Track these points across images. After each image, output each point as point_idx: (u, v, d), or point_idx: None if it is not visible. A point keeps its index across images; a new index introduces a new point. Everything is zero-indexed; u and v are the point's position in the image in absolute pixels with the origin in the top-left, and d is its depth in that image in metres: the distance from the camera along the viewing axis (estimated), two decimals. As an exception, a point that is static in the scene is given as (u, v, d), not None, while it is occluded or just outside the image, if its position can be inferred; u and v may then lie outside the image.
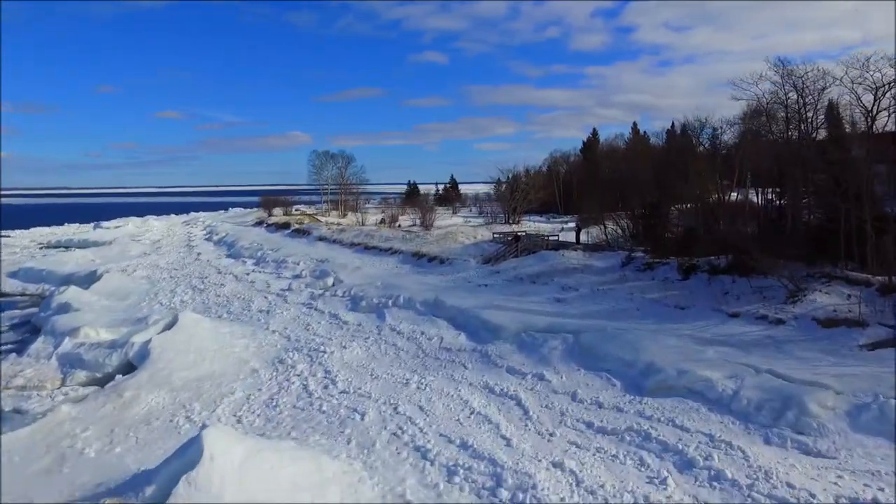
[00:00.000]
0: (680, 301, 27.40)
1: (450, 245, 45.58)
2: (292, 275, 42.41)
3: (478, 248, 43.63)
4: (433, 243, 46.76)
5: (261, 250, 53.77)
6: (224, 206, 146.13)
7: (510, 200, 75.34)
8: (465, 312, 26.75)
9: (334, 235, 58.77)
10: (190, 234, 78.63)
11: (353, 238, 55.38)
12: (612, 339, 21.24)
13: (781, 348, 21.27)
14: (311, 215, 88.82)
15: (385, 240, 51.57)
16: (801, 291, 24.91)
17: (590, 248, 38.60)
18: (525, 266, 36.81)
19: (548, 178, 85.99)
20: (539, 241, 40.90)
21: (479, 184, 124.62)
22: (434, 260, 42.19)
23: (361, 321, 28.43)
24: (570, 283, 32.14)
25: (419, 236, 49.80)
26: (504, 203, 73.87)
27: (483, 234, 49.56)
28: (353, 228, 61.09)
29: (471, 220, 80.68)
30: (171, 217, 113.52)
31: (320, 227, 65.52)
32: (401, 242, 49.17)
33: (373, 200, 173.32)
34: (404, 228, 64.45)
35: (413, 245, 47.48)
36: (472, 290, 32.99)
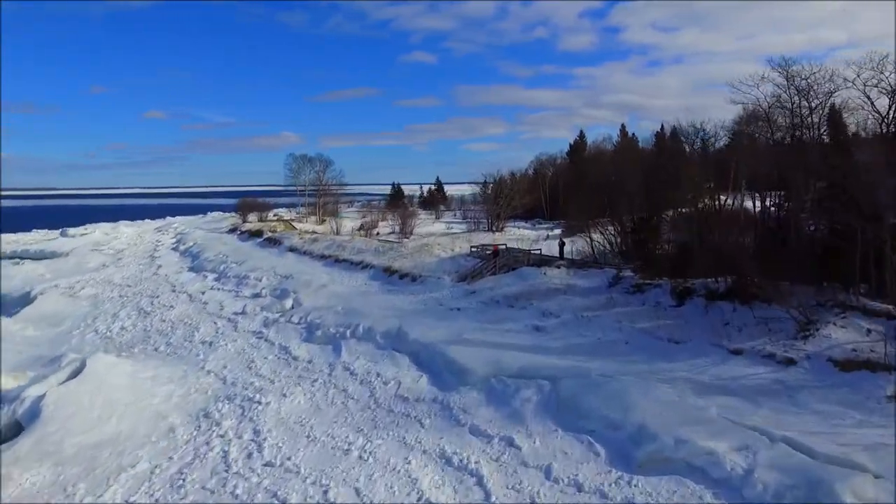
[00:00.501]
0: (674, 332, 24.14)
1: (424, 259, 42.19)
2: (251, 293, 38.92)
3: (454, 263, 40.27)
4: (407, 257, 43.37)
5: (224, 263, 50.17)
6: (211, 208, 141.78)
7: (494, 206, 72.05)
8: (430, 348, 23.37)
9: (305, 246, 55.24)
10: (158, 242, 74.77)
11: (325, 249, 51.88)
12: (595, 389, 17.93)
13: (795, 398, 18.07)
14: (287, 222, 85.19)
15: (357, 252, 48.12)
16: (813, 324, 21.72)
17: (574, 265, 35.34)
18: (503, 286, 33.49)
19: (533, 182, 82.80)
20: (519, 257, 37.60)
21: (467, 184, 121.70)
22: (406, 277, 38.80)
23: (314, 356, 25.02)
24: (552, 308, 28.84)
25: (393, 248, 46.41)
26: (487, 209, 70.48)
27: (461, 245, 46.22)
28: (326, 238, 57.60)
29: (453, 226, 77.43)
30: (145, 223, 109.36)
31: (292, 236, 61.97)
32: (373, 255, 45.75)
33: (357, 203, 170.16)
34: (381, 238, 61.04)
35: (385, 259, 44.07)
36: (443, 316, 29.66)
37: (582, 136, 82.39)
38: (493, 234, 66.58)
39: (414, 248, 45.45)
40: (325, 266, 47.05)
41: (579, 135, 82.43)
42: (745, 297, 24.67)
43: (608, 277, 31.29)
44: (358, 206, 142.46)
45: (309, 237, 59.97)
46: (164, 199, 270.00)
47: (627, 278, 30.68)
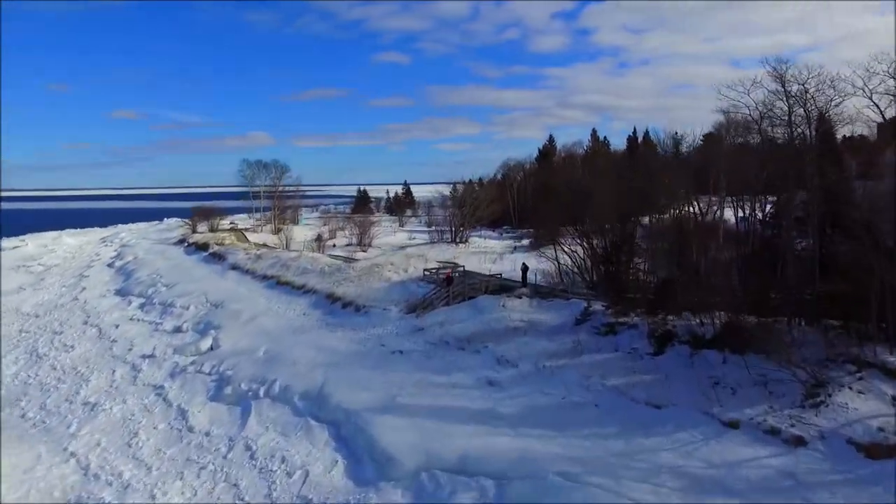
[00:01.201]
0: (653, 392, 19.88)
1: (372, 284, 37.56)
2: (173, 326, 34.04)
3: (404, 289, 35.70)
4: (353, 280, 38.70)
5: (155, 286, 45.05)
6: (174, 212, 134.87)
7: (459, 216, 67.62)
8: (355, 418, 18.86)
9: (248, 264, 50.26)
10: (97, 256, 69.01)
11: (268, 268, 46.97)
12: (554, 499, 13.56)
13: (811, 499, 13.91)
14: (240, 232, 79.90)
15: (301, 273, 43.31)
16: (823, 387, 17.63)
17: (538, 294, 30.99)
18: (455, 321, 29.03)
19: (501, 187, 78.58)
20: (476, 284, 33.13)
21: (440, 184, 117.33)
22: (349, 306, 34.17)
23: (215, 425, 20.34)
24: (509, 353, 24.45)
25: (340, 270, 41.68)
26: (451, 220, 66.00)
27: (416, 266, 41.65)
28: (272, 255, 52.58)
29: (416, 236, 72.78)
30: (92, 231, 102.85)
31: (237, 251, 56.84)
32: (318, 278, 40.99)
33: (322, 207, 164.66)
34: (334, 254, 56.23)
35: (331, 282, 39.35)
36: (382, 362, 25.13)
37: (552, 140, 78.45)
38: (456, 246, 62.26)
39: (363, 269, 40.79)
40: (265, 288, 42.21)
41: (549, 139, 78.52)
42: (736, 344, 20.54)
43: (575, 312, 27.01)
44: (321, 212, 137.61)
45: (255, 253, 54.95)
46: (125, 202, 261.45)
47: (597, 313, 26.43)
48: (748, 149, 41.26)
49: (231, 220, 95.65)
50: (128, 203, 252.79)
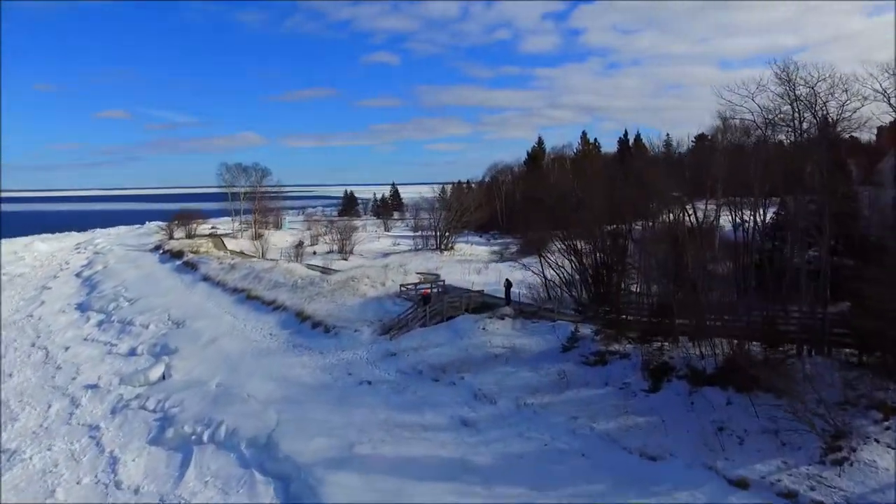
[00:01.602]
0: (649, 440, 17.41)
1: (346, 300, 34.97)
2: (128, 349, 31.49)
3: (379, 306, 33.13)
4: (326, 296, 36.11)
5: (117, 300, 42.40)
6: (159, 214, 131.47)
7: (444, 222, 65.14)
8: (306, 475, 16.35)
9: (220, 275, 47.58)
10: (66, 265, 66.14)
11: (240, 281, 44.30)
12: None
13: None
14: (218, 238, 77.11)
15: (273, 286, 40.67)
16: (845, 438, 15.24)
17: (522, 314, 28.51)
18: (431, 345, 26.55)
19: (489, 191, 76.14)
20: (455, 302, 30.58)
21: (429, 184, 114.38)
22: (319, 326, 31.59)
23: (147, 479, 17.77)
24: (488, 386, 21.96)
25: (314, 283, 39.03)
26: (436, 226, 63.45)
27: (394, 278, 39.04)
28: (246, 265, 49.87)
29: (401, 241, 70.24)
30: (68, 236, 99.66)
31: (211, 260, 54.08)
32: (289, 293, 38.36)
33: (311, 209, 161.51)
34: (311, 264, 53.60)
35: (303, 297, 36.75)
36: (346, 396, 22.60)
37: (540, 142, 75.93)
38: (441, 254, 59.83)
39: (337, 283, 38.16)
40: (234, 303, 39.59)
41: (538, 141, 75.96)
42: (741, 381, 18.11)
43: (562, 338, 24.55)
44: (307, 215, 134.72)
45: (229, 262, 52.24)
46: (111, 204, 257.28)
47: (586, 340, 23.98)
48: (747, 150, 39.04)
49: (212, 225, 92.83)
50: (114, 205, 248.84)
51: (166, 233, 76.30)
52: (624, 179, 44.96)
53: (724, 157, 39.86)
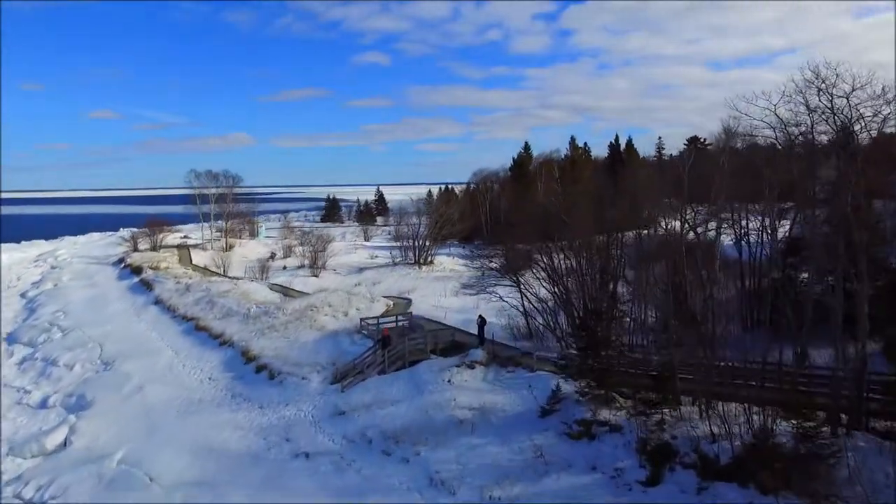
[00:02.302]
0: (647, 564, 13.29)
1: (302, 334, 30.78)
2: (41, 398, 27.30)
3: (336, 345, 28.93)
4: (280, 329, 31.93)
5: (51, 329, 38.06)
6: (141, 218, 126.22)
7: (428, 232, 60.87)
8: None
9: (174, 298, 43.25)
10: (17, 280, 61.58)
11: (192, 305, 40.00)
12: None
13: None
14: (187, 248, 72.68)
15: (225, 314, 36.40)
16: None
17: (496, 359, 24.35)
18: (388, 400, 22.41)
19: (472, 200, 71.94)
20: (420, 343, 26.31)
21: (420, 185, 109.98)
22: (264, 370, 27.40)
23: None
24: (447, 469, 17.78)
25: (268, 313, 34.74)
26: (414, 240, 59.12)
27: (359, 306, 34.88)
28: (204, 284, 45.49)
29: (379, 253, 65.75)
30: (33, 245, 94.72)
31: (168, 280, 49.60)
32: (240, 324, 34.11)
33: (293, 213, 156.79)
34: (275, 283, 49.26)
35: (253, 330, 32.57)
36: (274, 478, 18.43)
37: (527, 148, 71.66)
38: (419, 269, 55.56)
39: (295, 312, 33.93)
40: (181, 334, 35.38)
41: (524, 147, 71.63)
42: (766, 480, 14.04)
43: (541, 396, 20.44)
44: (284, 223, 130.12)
45: (185, 282, 47.82)
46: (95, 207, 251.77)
47: (569, 400, 19.86)
48: (757, 153, 35.19)
49: (184, 234, 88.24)
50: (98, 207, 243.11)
51: (130, 244, 71.54)
52: (614, 192, 41.07)
53: (729, 160, 35.80)
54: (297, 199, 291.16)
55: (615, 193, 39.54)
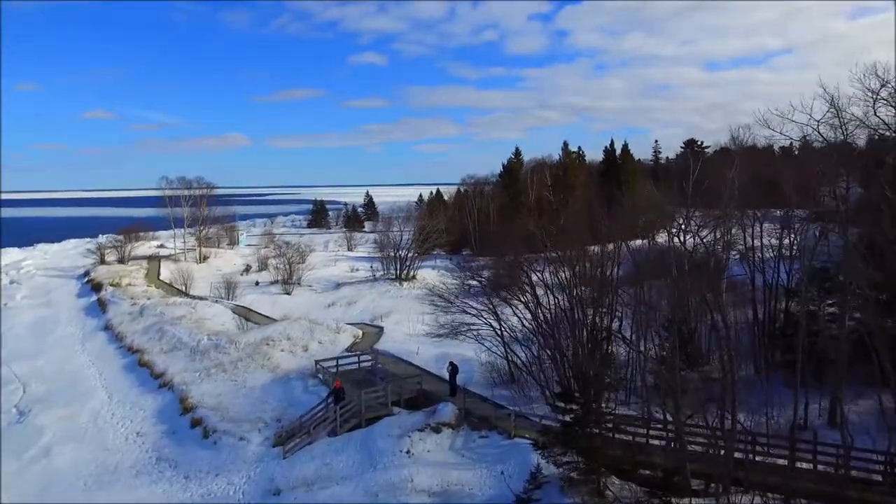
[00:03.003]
0: None
1: (251, 376, 26.86)
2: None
3: (287, 391, 24.99)
4: (229, 369, 28.00)
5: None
6: (127, 223, 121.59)
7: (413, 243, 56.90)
8: None
9: (125, 323, 39.28)
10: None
11: (141, 335, 36.02)
12: None
13: None
14: (158, 260, 68.53)
15: (172, 347, 32.43)
16: None
17: (469, 418, 20.40)
18: (333, 477, 18.49)
19: (460, 208, 67.97)
20: (381, 396, 22.29)
21: (417, 185, 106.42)
22: (199, 426, 23.39)
23: None
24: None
25: (219, 347, 30.62)
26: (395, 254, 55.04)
27: (321, 339, 30.97)
28: (160, 307, 41.39)
29: (360, 266, 61.59)
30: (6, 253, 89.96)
31: (123, 301, 45.49)
32: (186, 361, 30.17)
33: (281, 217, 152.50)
34: (239, 305, 45.20)
35: (198, 370, 28.63)
36: None
37: (518, 154, 67.56)
38: (400, 286, 51.56)
39: (248, 347, 29.95)
40: (121, 371, 31.54)
41: (515, 153, 67.52)
42: None
43: (519, 477, 16.54)
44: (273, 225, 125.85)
45: (142, 303, 43.74)
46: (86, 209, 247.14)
47: (552, 485, 15.95)
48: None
49: (160, 244, 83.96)
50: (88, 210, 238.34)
51: (97, 256, 67.28)
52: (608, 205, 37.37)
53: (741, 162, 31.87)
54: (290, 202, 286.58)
55: (609, 208, 35.85)
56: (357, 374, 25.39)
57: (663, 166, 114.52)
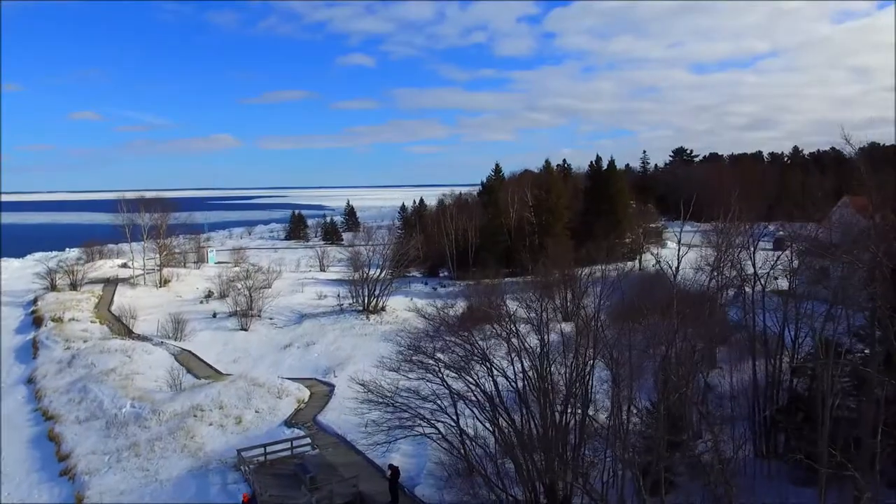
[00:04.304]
0: None
1: (165, 466, 22.79)
2: None
3: (201, 492, 20.90)
4: (144, 451, 23.97)
5: None
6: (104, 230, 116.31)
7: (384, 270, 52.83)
8: None
9: (48, 376, 35.14)
10: None
11: (62, 394, 31.88)
12: None
13: None
14: (115, 283, 64.09)
15: (90, 415, 28.33)
16: None
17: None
18: None
19: (438, 226, 63.90)
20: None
21: (407, 188, 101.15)
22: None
23: None
24: None
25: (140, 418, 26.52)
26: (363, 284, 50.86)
27: (260, 407, 26.94)
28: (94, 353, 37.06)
29: (328, 293, 57.27)
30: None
31: (57, 343, 41.13)
32: (99, 437, 26.04)
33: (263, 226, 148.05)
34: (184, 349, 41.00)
35: (112, 450, 24.63)
36: None
37: (498, 170, 63.64)
38: (367, 319, 47.47)
39: (172, 418, 25.92)
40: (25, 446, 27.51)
41: (495, 169, 63.61)
42: None
43: None
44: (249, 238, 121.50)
45: (77, 347, 39.50)
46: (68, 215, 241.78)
47: None
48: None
49: (124, 262, 79.12)
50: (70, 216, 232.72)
51: (48, 281, 62.64)
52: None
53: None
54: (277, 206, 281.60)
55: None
56: (286, 466, 21.39)
57: (651, 176, 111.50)
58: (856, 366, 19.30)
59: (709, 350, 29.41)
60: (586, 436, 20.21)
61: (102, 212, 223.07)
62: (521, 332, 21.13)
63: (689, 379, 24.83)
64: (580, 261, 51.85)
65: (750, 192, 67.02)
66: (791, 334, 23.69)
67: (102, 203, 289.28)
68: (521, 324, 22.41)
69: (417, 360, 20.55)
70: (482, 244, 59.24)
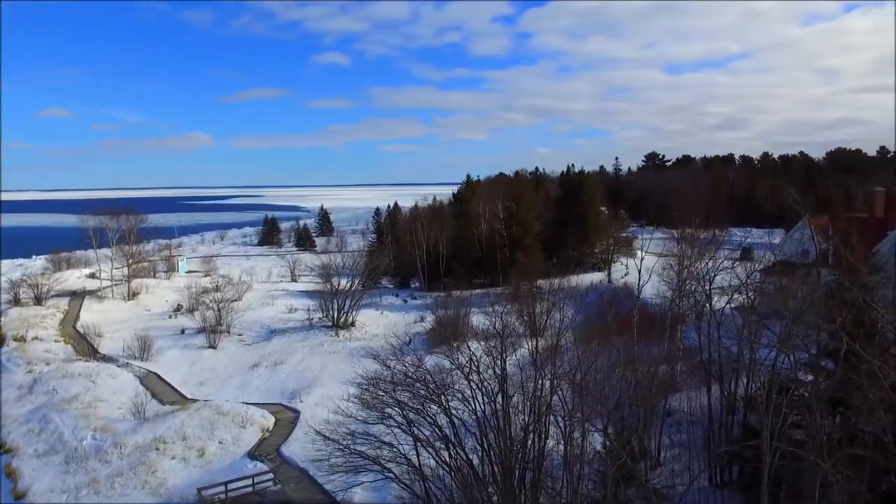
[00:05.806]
0: None
1: (128, 501, 22.54)
2: None
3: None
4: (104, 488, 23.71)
5: None
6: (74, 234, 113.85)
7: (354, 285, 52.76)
8: None
9: (7, 404, 34.44)
10: None
11: (21, 424, 31.21)
12: None
13: None
14: (83, 295, 63.03)
15: (49, 449, 27.85)
16: None
17: None
18: None
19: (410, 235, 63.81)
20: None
21: (383, 186, 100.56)
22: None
23: None
24: None
25: (101, 452, 26.28)
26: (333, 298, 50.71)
27: (224, 437, 26.80)
28: (56, 379, 36.51)
29: (298, 306, 56.85)
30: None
31: (19, 366, 40.41)
32: (57, 474, 25.58)
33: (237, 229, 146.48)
34: (154, 372, 40.55)
35: (70, 487, 24.33)
36: None
37: (469, 182, 63.78)
38: (336, 335, 47.35)
39: (134, 453, 25.64)
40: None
41: (466, 179, 63.76)
42: None
43: None
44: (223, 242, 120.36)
45: (39, 370, 38.93)
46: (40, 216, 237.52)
47: None
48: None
49: (93, 271, 77.71)
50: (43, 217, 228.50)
51: (11, 296, 61.40)
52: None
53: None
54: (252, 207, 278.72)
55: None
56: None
57: (624, 181, 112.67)
58: (802, 397, 19.80)
59: (669, 373, 29.87)
60: (543, 472, 20.43)
61: (73, 213, 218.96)
62: (484, 362, 21.28)
63: (649, 405, 25.39)
64: (550, 273, 52.51)
65: (719, 199, 67.89)
66: (748, 357, 24.05)
67: (74, 203, 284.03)
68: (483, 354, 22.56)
69: (376, 404, 20.59)
70: (453, 255, 59.43)
